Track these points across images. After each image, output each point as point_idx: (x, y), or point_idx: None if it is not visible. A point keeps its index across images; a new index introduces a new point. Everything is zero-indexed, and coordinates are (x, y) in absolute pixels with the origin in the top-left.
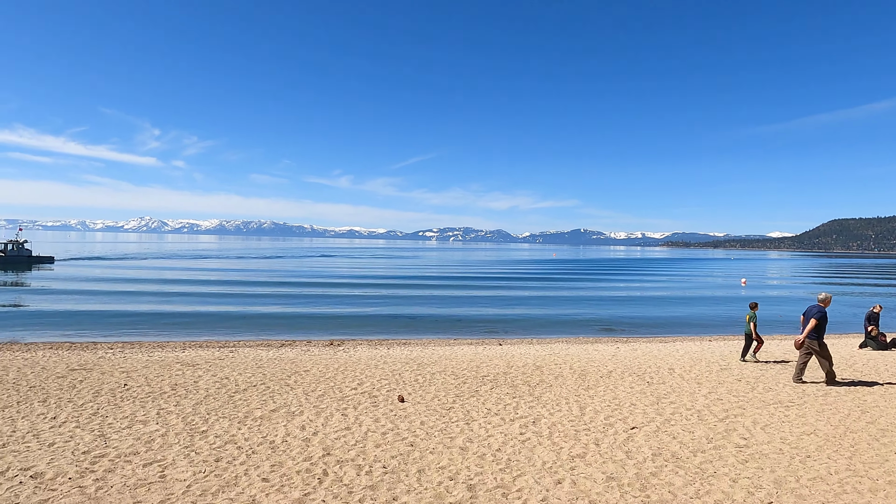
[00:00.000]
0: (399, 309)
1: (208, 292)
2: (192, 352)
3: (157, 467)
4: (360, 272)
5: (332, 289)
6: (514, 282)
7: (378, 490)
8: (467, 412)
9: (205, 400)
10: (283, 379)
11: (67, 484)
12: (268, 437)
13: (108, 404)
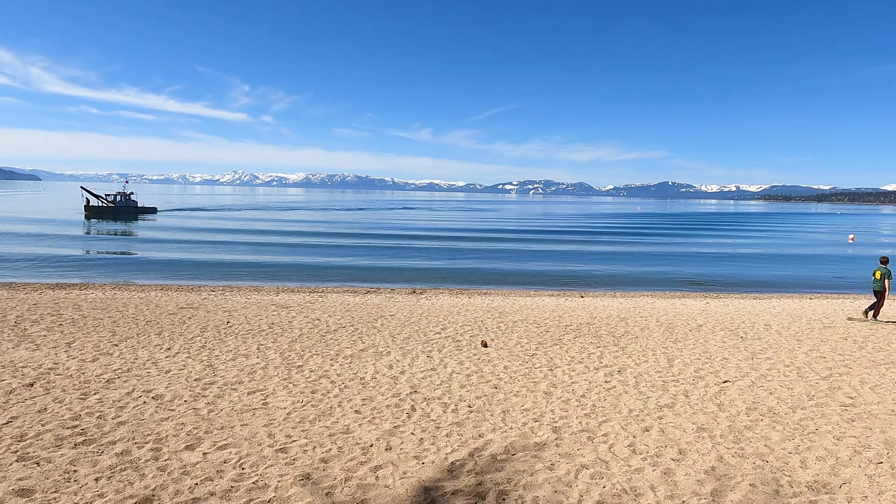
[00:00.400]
0: (478, 263)
1: (297, 243)
2: (284, 296)
3: (260, 395)
4: (440, 225)
5: (414, 241)
6: (596, 236)
7: (464, 427)
8: (550, 359)
9: (299, 338)
10: (371, 322)
11: (183, 406)
12: (358, 373)
13: (213, 339)
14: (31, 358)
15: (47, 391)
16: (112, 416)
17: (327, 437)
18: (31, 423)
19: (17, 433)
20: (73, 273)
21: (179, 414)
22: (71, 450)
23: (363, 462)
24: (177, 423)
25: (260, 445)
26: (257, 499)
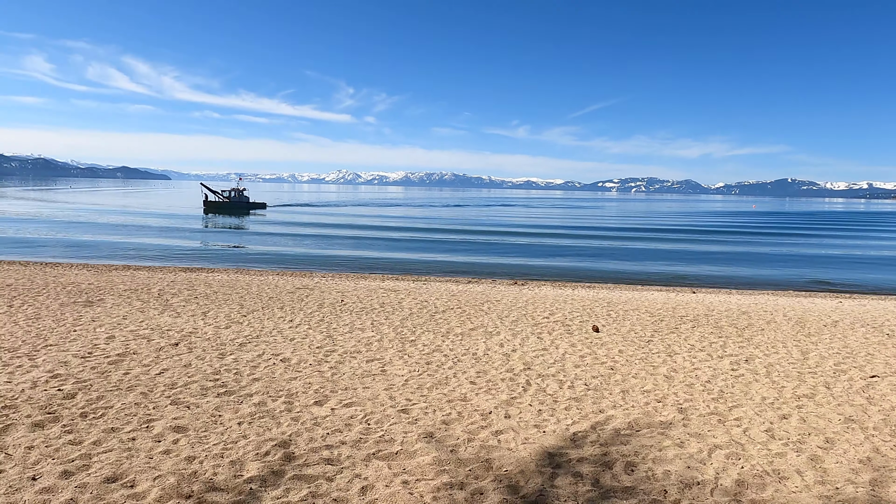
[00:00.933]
0: (578, 261)
1: (397, 237)
2: (391, 282)
3: (378, 364)
4: (538, 222)
5: (512, 237)
6: (705, 235)
7: (583, 402)
8: (668, 346)
9: (410, 317)
10: (477, 305)
11: (309, 368)
12: (470, 349)
13: (330, 314)
14: (173, 323)
15: (190, 350)
16: (247, 374)
17: (446, 402)
18: (180, 375)
19: (168, 382)
20: (196, 261)
21: (306, 375)
22: (215, 398)
23: (483, 426)
24: (304, 383)
25: (382, 406)
26: (385, 450)
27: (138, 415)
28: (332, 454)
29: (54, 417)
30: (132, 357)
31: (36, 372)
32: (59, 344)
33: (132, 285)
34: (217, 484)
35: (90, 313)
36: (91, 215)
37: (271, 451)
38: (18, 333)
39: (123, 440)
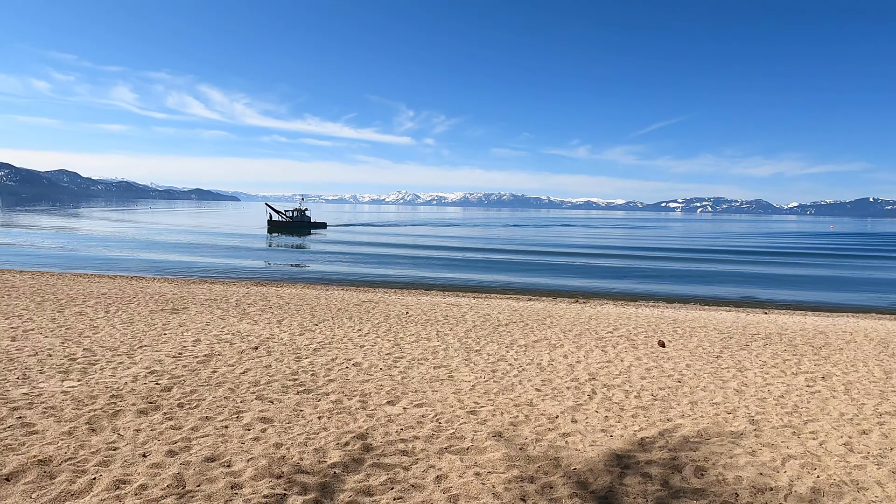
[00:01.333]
0: (639, 283)
1: (458, 258)
2: (451, 298)
3: (445, 370)
4: (599, 242)
5: (574, 258)
6: (778, 257)
7: (650, 411)
8: (738, 362)
9: (473, 329)
10: (540, 320)
11: (380, 372)
12: (534, 360)
13: (396, 325)
14: (252, 329)
15: (269, 353)
16: (323, 375)
17: (512, 406)
18: (262, 375)
19: (252, 380)
20: (265, 276)
21: (377, 378)
22: (295, 395)
23: (551, 429)
24: (377, 385)
25: (451, 407)
26: (457, 445)
27: (228, 407)
28: (406, 447)
29: (155, 406)
30: (218, 358)
31: (135, 368)
32: (153, 345)
33: (211, 296)
34: (304, 467)
35: (177, 319)
36: (168, 235)
37: (350, 441)
38: (117, 336)
39: (217, 427)
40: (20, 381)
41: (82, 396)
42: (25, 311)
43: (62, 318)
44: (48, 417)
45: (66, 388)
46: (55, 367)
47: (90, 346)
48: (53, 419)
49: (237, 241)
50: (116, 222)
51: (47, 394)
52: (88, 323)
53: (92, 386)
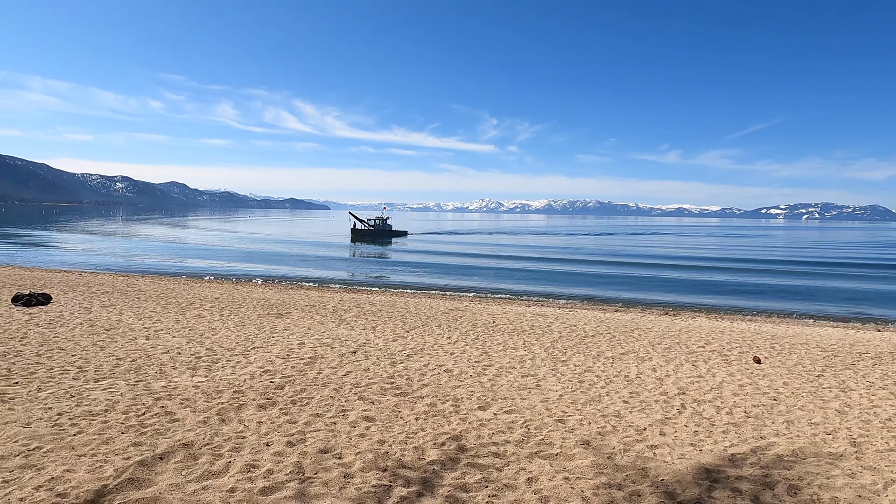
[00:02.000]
0: (735, 299)
1: (541, 269)
2: (537, 308)
3: (533, 379)
4: (692, 253)
5: (665, 270)
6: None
7: (742, 428)
8: (842, 381)
9: (559, 339)
10: (627, 332)
11: (470, 379)
12: (622, 372)
13: (483, 333)
14: (349, 335)
15: (366, 357)
16: (417, 380)
17: (600, 416)
18: (361, 377)
19: (353, 382)
20: (353, 285)
21: (468, 385)
22: (393, 397)
23: (638, 440)
24: (467, 391)
25: (540, 415)
26: (546, 451)
27: (334, 405)
28: (498, 450)
29: (272, 402)
30: (321, 360)
31: (251, 367)
32: (264, 346)
33: (309, 302)
34: (405, 463)
35: (282, 323)
36: (263, 244)
37: (446, 442)
38: (232, 337)
39: (327, 423)
40: (158, 376)
41: (210, 390)
42: (154, 312)
43: (184, 319)
44: (185, 408)
45: (196, 383)
46: (184, 364)
47: (211, 346)
48: (189, 409)
49: (325, 249)
50: (219, 232)
51: (181, 387)
52: (207, 325)
53: (217, 382)
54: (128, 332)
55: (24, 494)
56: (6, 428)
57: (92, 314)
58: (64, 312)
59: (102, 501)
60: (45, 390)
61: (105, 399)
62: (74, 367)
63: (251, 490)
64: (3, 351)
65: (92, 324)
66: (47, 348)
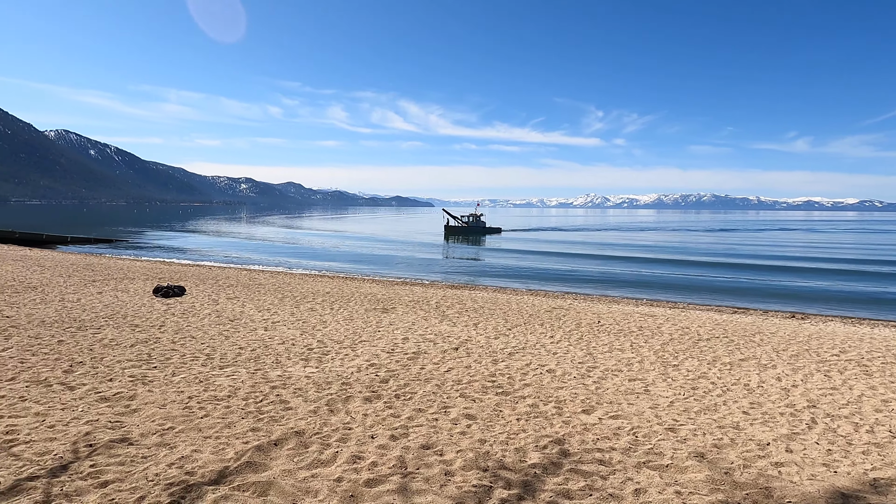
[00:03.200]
0: (873, 309)
1: (650, 273)
2: (646, 308)
3: (641, 383)
4: (824, 253)
5: (796, 277)
6: None
7: (887, 449)
8: None
9: (670, 342)
10: (747, 336)
11: (573, 381)
12: (741, 380)
13: (588, 333)
14: (451, 331)
15: (468, 354)
16: (518, 379)
17: (716, 427)
18: (463, 374)
19: (455, 378)
20: (454, 281)
21: (571, 386)
22: (494, 396)
23: (761, 456)
24: (571, 392)
25: (649, 422)
26: (655, 462)
27: (436, 402)
28: (603, 457)
29: (377, 395)
30: (424, 356)
31: (358, 360)
32: (370, 341)
33: (413, 298)
34: (506, 464)
35: (387, 318)
36: (370, 243)
37: (548, 445)
38: (341, 330)
39: (429, 419)
40: (274, 365)
41: (320, 381)
42: (272, 305)
43: (299, 312)
44: (297, 397)
45: (308, 374)
46: (298, 355)
47: (322, 339)
48: (301, 399)
49: (417, 248)
50: (327, 231)
51: (295, 377)
52: (318, 318)
53: (327, 373)
54: (249, 323)
55: (158, 470)
56: (146, 408)
57: (219, 305)
58: (195, 303)
59: (223, 481)
60: (178, 375)
61: (228, 385)
62: (203, 355)
63: (356, 481)
64: (145, 338)
65: (219, 314)
66: (181, 336)
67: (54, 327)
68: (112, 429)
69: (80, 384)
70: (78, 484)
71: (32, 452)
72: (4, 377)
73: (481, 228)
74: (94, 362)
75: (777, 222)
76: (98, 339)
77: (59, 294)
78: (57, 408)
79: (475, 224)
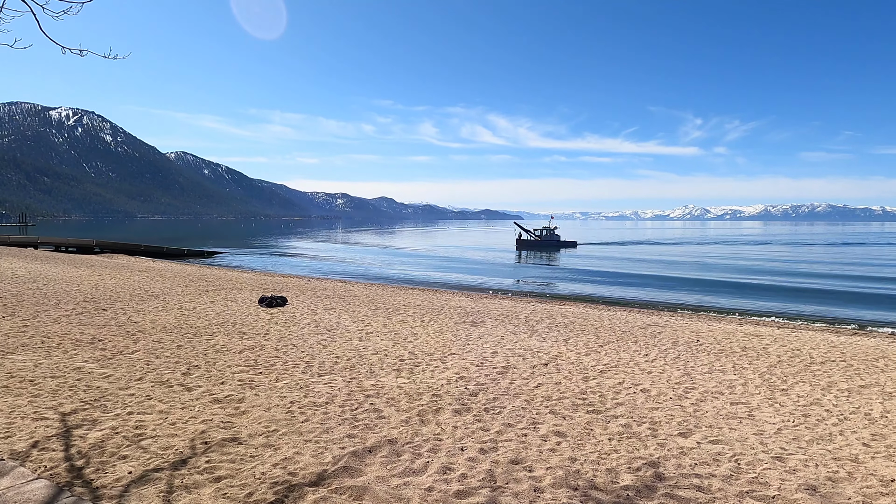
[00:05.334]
0: None
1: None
2: (750, 327)
3: (744, 407)
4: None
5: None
6: None
7: None
8: None
9: (778, 364)
10: (870, 360)
11: (669, 402)
12: (861, 408)
13: (685, 352)
14: (541, 346)
15: (558, 370)
16: (610, 398)
17: (830, 459)
18: (553, 391)
19: (545, 395)
20: (541, 295)
21: (667, 407)
22: (585, 414)
23: (884, 493)
24: (666, 414)
25: (753, 449)
26: (760, 492)
27: (526, 417)
28: (702, 483)
29: (466, 408)
30: (513, 370)
31: (448, 373)
32: (459, 353)
33: (502, 311)
34: (597, 484)
35: (476, 332)
36: (459, 252)
37: (642, 468)
38: (431, 342)
39: (518, 434)
40: (368, 375)
41: (412, 392)
42: (366, 316)
43: (391, 324)
44: (390, 406)
45: (400, 384)
46: (390, 366)
47: (413, 350)
48: (394, 408)
49: (489, 265)
50: (412, 245)
51: (387, 387)
52: (410, 330)
53: (418, 384)
54: (345, 334)
55: (265, 469)
56: (253, 411)
57: (317, 316)
58: (296, 313)
59: (322, 483)
60: (282, 381)
61: (326, 392)
62: (303, 363)
63: (446, 492)
64: (252, 345)
65: (317, 324)
66: (283, 344)
67: (174, 333)
68: (224, 428)
69: (196, 386)
70: (195, 477)
71: (157, 446)
72: (134, 377)
73: (555, 242)
74: (207, 366)
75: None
76: (211, 345)
77: (177, 302)
78: (177, 407)
79: (549, 238)
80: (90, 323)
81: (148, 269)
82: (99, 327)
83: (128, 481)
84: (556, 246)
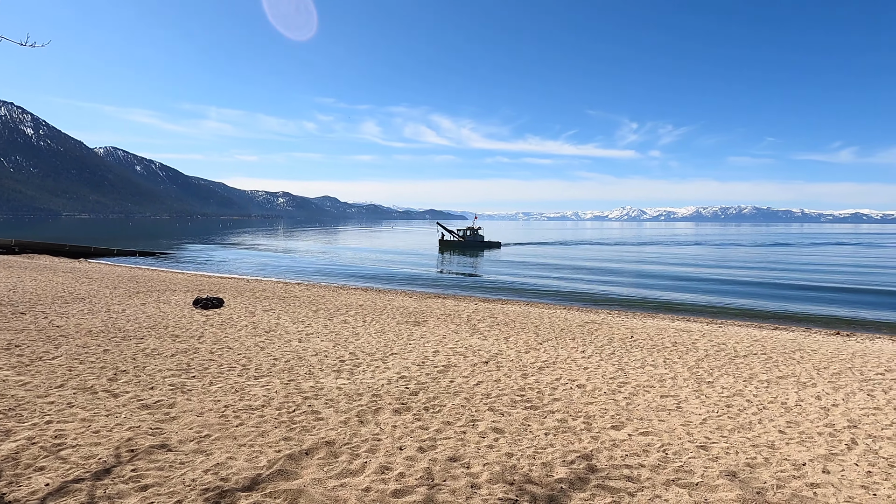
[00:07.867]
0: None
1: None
2: (681, 323)
3: (673, 400)
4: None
5: (841, 294)
6: None
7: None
8: None
9: (705, 358)
10: (787, 353)
11: (604, 396)
12: (778, 398)
13: (620, 349)
14: (482, 345)
15: (498, 368)
16: (548, 394)
17: (749, 446)
18: (492, 388)
19: (484, 392)
20: (486, 295)
21: (601, 402)
22: (523, 410)
23: (796, 476)
24: (601, 408)
25: (679, 439)
26: (685, 479)
27: (465, 415)
28: (631, 473)
29: (406, 408)
30: (454, 369)
31: (388, 373)
32: (401, 353)
33: (445, 311)
34: (532, 478)
35: (419, 331)
36: (400, 256)
37: (576, 460)
38: (373, 343)
39: (457, 432)
40: (307, 376)
41: (351, 393)
42: (307, 317)
43: (332, 325)
44: (329, 408)
45: (340, 385)
46: (330, 367)
47: (354, 351)
48: (333, 409)
49: (411, 264)
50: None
51: (326, 388)
52: (351, 330)
53: (358, 385)
54: (284, 335)
55: (195, 476)
56: (184, 416)
57: (255, 317)
58: (233, 315)
59: (256, 488)
60: (216, 384)
61: (262, 395)
62: (239, 365)
63: (384, 491)
64: (185, 348)
65: (255, 326)
66: (219, 347)
67: (100, 337)
68: (152, 435)
69: (124, 392)
70: (120, 487)
71: (78, 456)
72: (54, 384)
73: (479, 243)
74: (136, 371)
75: (825, 236)
76: (141, 349)
77: (105, 305)
78: (101, 414)
79: (472, 238)
80: (6, 328)
81: (73, 269)
82: (16, 332)
83: (44, 494)
84: (479, 246)
